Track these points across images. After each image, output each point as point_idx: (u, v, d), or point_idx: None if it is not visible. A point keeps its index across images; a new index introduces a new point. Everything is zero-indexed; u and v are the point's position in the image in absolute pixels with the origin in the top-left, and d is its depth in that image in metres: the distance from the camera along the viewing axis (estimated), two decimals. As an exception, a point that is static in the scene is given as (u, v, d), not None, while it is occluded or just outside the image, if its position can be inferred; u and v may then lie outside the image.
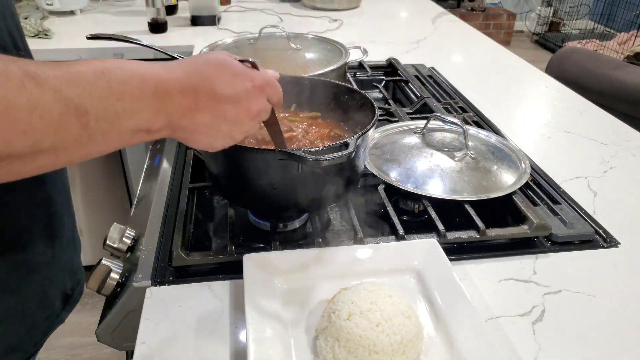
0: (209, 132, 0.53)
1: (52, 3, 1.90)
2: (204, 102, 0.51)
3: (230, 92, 0.52)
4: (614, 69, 2.77)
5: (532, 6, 5.53)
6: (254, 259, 0.67)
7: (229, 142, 0.56)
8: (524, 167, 0.89)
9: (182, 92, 0.50)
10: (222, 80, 0.52)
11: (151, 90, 0.48)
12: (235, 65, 0.54)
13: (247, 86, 0.53)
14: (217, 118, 0.52)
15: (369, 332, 0.55)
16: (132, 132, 0.48)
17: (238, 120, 0.54)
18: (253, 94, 0.54)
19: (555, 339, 0.62)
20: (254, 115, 0.55)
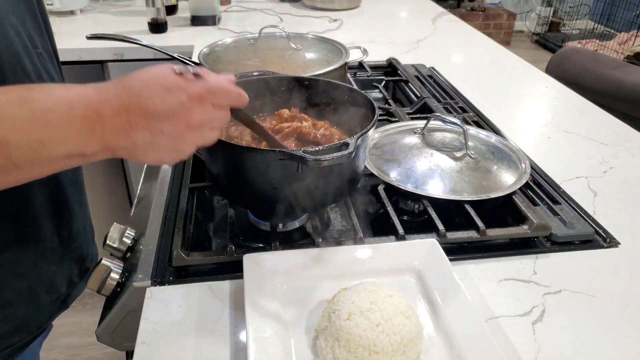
0: (151, 149, 0.52)
1: (52, 3, 1.90)
2: (138, 121, 0.50)
3: (162, 107, 0.50)
4: (614, 69, 2.77)
5: (532, 6, 5.53)
6: (254, 259, 0.67)
7: (180, 155, 0.55)
8: (524, 167, 0.89)
9: (113, 113, 0.49)
10: (153, 97, 0.50)
11: (80, 115, 0.47)
12: (168, 79, 0.51)
13: (182, 99, 0.51)
14: (155, 135, 0.51)
15: (369, 332, 0.55)
16: (63, 158, 0.48)
17: (178, 134, 0.52)
18: (190, 106, 0.51)
19: (555, 339, 0.62)
20: (195, 126, 0.53)
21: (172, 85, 0.51)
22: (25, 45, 0.63)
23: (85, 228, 0.80)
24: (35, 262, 0.69)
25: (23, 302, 0.69)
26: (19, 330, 0.70)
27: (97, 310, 0.74)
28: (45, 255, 0.70)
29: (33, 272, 0.69)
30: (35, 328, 0.72)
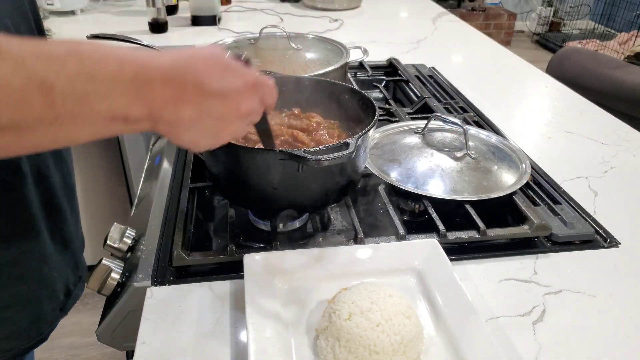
0: (193, 128, 0.49)
1: (52, 3, 1.90)
2: (189, 95, 0.47)
3: (218, 86, 0.48)
4: (615, 69, 2.77)
5: (533, 6, 5.53)
6: (254, 259, 0.67)
7: (215, 142, 0.52)
8: (524, 167, 0.89)
9: (165, 81, 0.46)
10: (211, 74, 0.48)
11: (130, 75, 0.44)
12: (228, 60, 0.50)
13: (238, 83, 0.49)
14: (202, 113, 0.48)
15: (370, 332, 0.55)
16: (106, 118, 0.44)
17: (225, 118, 0.50)
18: (244, 92, 0.50)
19: (555, 339, 0.62)
20: (244, 115, 0.51)
21: (231, 66, 0.49)
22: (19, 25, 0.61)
23: (77, 236, 0.78)
24: (37, 266, 0.67)
25: (22, 306, 0.67)
26: (17, 336, 0.68)
27: (98, 310, 0.74)
28: (47, 260, 0.68)
29: (34, 276, 0.67)
30: (36, 335, 0.70)
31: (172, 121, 0.48)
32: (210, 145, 0.52)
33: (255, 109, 0.53)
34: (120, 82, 0.44)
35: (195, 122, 0.48)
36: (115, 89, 0.44)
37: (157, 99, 0.46)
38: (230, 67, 0.49)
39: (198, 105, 0.48)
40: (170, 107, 0.46)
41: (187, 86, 0.47)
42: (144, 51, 0.47)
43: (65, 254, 0.73)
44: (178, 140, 0.50)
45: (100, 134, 0.46)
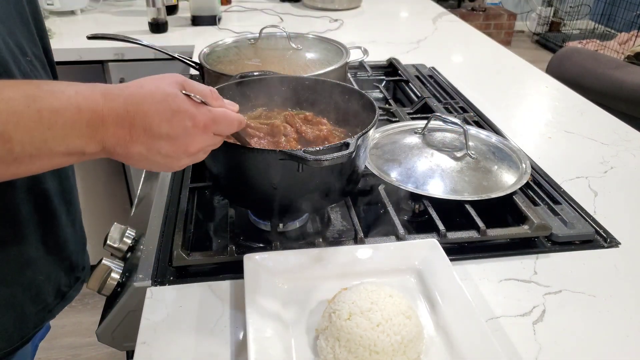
0: (145, 162, 0.53)
1: (52, 3, 1.90)
2: (139, 136, 0.51)
3: (166, 130, 0.51)
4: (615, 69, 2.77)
5: (533, 6, 5.53)
6: (254, 259, 0.67)
7: (167, 170, 0.56)
8: (524, 167, 0.89)
9: (117, 123, 0.50)
10: (160, 117, 0.51)
11: (86, 121, 0.48)
12: (177, 101, 0.52)
13: (187, 125, 0.52)
14: (151, 151, 0.52)
15: (370, 332, 0.55)
16: (63, 155, 0.49)
17: (174, 157, 0.54)
18: (192, 134, 0.53)
19: (555, 339, 0.62)
20: (192, 153, 0.55)
21: (180, 109, 0.52)
22: (13, 53, 0.62)
23: (74, 237, 0.77)
24: (20, 269, 0.67)
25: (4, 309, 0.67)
26: None
27: (98, 310, 0.74)
28: (31, 263, 0.68)
29: (17, 279, 0.67)
30: (18, 338, 0.69)
31: (123, 155, 0.52)
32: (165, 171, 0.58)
33: (207, 145, 0.56)
34: (77, 127, 0.48)
35: (146, 158, 0.53)
36: (72, 133, 0.48)
37: (109, 138, 0.50)
38: (180, 110, 0.52)
39: (147, 145, 0.51)
40: (121, 145, 0.51)
41: (138, 128, 0.50)
42: (98, 89, 0.50)
43: (57, 257, 0.73)
44: (132, 165, 0.55)
45: (59, 165, 0.51)
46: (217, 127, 0.55)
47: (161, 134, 0.51)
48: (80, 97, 0.48)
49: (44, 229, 0.69)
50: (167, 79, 0.54)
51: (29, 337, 0.71)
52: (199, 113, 0.53)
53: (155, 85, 0.52)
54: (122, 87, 0.52)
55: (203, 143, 0.55)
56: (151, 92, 0.51)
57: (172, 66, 1.61)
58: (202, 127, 0.53)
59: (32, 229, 0.67)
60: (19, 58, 0.63)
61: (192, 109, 0.53)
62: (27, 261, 0.68)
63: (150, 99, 0.51)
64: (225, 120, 0.56)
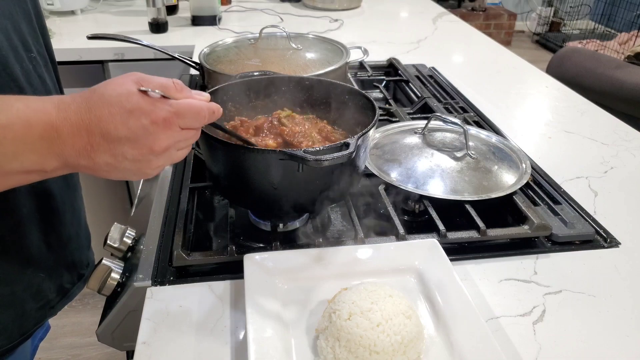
0: (115, 170, 0.51)
1: (52, 3, 1.90)
2: (99, 144, 0.48)
3: (125, 133, 0.48)
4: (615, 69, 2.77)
5: (533, 6, 5.53)
6: (254, 259, 0.67)
7: (143, 176, 0.53)
8: (524, 167, 0.89)
9: (73, 133, 0.47)
10: (115, 119, 0.48)
11: (38, 134, 0.46)
12: (131, 100, 0.48)
13: (144, 124, 0.49)
14: (117, 158, 0.49)
15: (370, 332, 0.55)
16: (20, 173, 0.47)
17: (142, 159, 0.50)
18: (153, 132, 0.49)
19: (555, 339, 0.62)
20: (161, 152, 0.51)
21: (134, 107, 0.48)
22: (15, 49, 0.61)
23: (78, 235, 0.78)
24: (20, 268, 0.67)
25: (4, 307, 0.67)
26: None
27: (98, 310, 0.74)
28: (32, 262, 0.68)
29: (17, 278, 0.67)
30: (18, 335, 0.69)
31: (91, 167, 0.50)
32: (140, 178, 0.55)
33: (180, 139, 0.52)
34: (29, 142, 0.46)
35: (114, 166, 0.50)
36: (24, 149, 0.46)
37: (69, 151, 0.48)
38: (134, 109, 0.48)
39: (110, 151, 0.49)
40: (84, 156, 0.49)
41: (95, 135, 0.48)
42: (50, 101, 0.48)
43: (60, 254, 0.73)
44: (105, 177, 0.52)
45: (22, 183, 0.50)
46: (182, 120, 0.51)
47: (120, 138, 0.48)
48: (30, 110, 0.46)
49: (46, 227, 0.69)
50: (122, 78, 0.51)
51: (30, 334, 0.71)
52: (157, 109, 0.50)
53: (108, 88, 0.49)
54: (75, 96, 0.50)
55: (169, 140, 0.51)
56: (103, 95, 0.49)
57: (172, 66, 1.61)
58: (163, 123, 0.50)
59: (33, 227, 0.67)
60: (22, 54, 0.63)
61: (147, 105, 0.49)
62: (28, 259, 0.68)
63: (103, 103, 0.48)
64: (191, 112, 0.52)
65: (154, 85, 0.50)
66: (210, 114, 0.55)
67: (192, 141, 0.55)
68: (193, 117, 0.53)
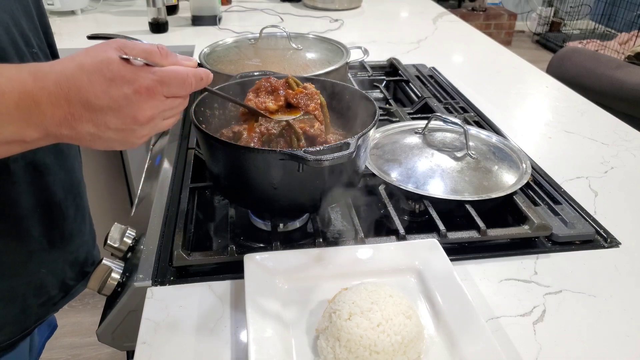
0: (99, 141, 0.49)
1: (52, 3, 1.90)
2: (80, 113, 0.46)
3: (107, 102, 0.46)
4: (615, 69, 2.77)
5: (533, 6, 5.53)
6: (254, 258, 0.67)
7: (129, 146, 0.51)
8: (524, 167, 0.89)
9: (52, 103, 0.45)
10: (96, 89, 0.46)
11: (13, 103, 0.44)
12: (112, 67, 0.47)
13: (126, 93, 0.47)
14: (100, 128, 0.48)
15: (370, 332, 0.55)
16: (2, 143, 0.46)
17: (126, 129, 0.49)
18: (136, 101, 0.48)
19: (556, 339, 0.62)
20: (145, 122, 0.49)
21: (116, 76, 0.47)
22: (15, 44, 0.61)
23: (82, 231, 0.77)
24: (22, 262, 0.67)
25: (4, 302, 0.66)
26: None
27: (98, 310, 0.74)
28: (33, 257, 0.68)
29: (18, 272, 0.67)
30: (19, 331, 0.69)
31: (74, 137, 0.48)
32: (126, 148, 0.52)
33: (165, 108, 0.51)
34: (4, 112, 0.44)
35: (98, 136, 0.48)
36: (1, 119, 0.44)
37: (49, 120, 0.46)
38: (115, 77, 0.47)
39: (92, 121, 0.47)
40: (65, 126, 0.47)
41: (76, 105, 0.46)
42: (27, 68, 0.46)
43: (63, 250, 0.73)
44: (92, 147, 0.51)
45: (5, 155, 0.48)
46: (166, 89, 0.50)
47: (102, 107, 0.47)
48: (3, 79, 0.44)
49: (47, 223, 0.69)
50: (104, 45, 0.48)
51: (30, 330, 0.71)
52: (139, 77, 0.48)
53: (88, 55, 0.47)
54: (54, 64, 0.48)
55: (153, 110, 0.49)
56: (82, 63, 0.47)
57: (173, 66, 1.61)
58: (146, 92, 0.48)
59: (34, 222, 0.66)
60: (23, 49, 0.63)
61: (129, 74, 0.47)
62: (29, 254, 0.67)
63: (82, 71, 0.46)
64: (176, 80, 0.50)
65: (137, 52, 0.48)
66: (198, 80, 0.53)
67: (179, 110, 0.53)
68: (178, 85, 0.51)
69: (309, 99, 0.72)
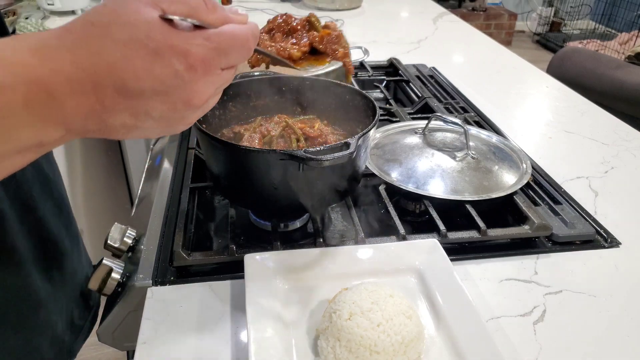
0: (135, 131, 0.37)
1: (53, 3, 1.90)
2: (113, 101, 0.34)
3: (150, 84, 0.34)
4: (615, 69, 2.77)
5: (533, 6, 5.53)
6: (255, 258, 0.67)
7: (170, 133, 0.41)
8: (525, 167, 0.89)
9: (73, 90, 0.33)
10: (135, 67, 0.34)
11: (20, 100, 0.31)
12: (155, 35, 0.34)
13: (178, 70, 0.35)
14: (138, 117, 0.36)
15: (370, 332, 0.55)
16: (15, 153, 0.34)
17: (174, 116, 0.37)
18: (190, 80, 0.36)
19: (556, 339, 0.62)
20: (200, 104, 0.38)
21: (161, 46, 0.34)
22: None
23: (80, 262, 0.72)
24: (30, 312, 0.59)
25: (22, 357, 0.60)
26: None
27: (98, 310, 0.74)
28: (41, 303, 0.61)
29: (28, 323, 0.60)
30: None
31: (103, 130, 0.36)
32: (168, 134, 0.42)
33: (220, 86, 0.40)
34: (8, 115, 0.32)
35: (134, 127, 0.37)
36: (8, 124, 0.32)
37: (71, 116, 0.34)
38: (161, 50, 0.34)
39: (129, 110, 0.35)
40: (94, 118, 0.35)
41: (107, 91, 0.34)
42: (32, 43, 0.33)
43: (67, 289, 0.69)
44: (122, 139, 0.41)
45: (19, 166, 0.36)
46: (224, 59, 0.37)
47: (143, 91, 0.34)
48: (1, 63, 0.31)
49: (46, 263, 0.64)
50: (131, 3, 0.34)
51: None
52: (192, 46, 0.35)
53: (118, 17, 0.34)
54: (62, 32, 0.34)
55: (210, 88, 0.38)
56: (110, 30, 0.33)
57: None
58: (202, 65, 0.36)
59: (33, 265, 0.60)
60: None
61: (179, 42, 0.35)
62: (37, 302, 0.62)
63: (113, 42, 0.33)
64: (235, 45, 0.38)
65: (180, 9, 0.35)
66: (254, 39, 0.40)
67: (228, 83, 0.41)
68: (238, 52, 0.38)
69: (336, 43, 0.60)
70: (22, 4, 2.01)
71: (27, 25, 1.69)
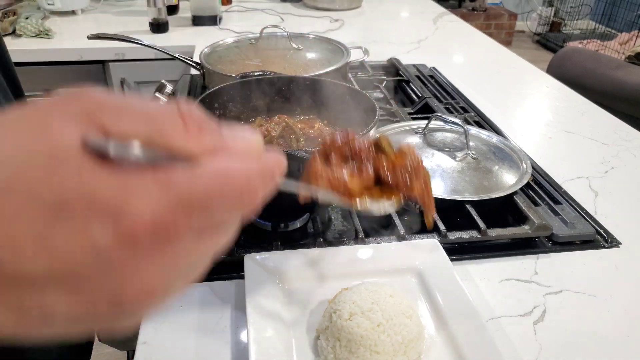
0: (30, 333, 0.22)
1: (53, 3, 1.90)
2: None
3: (44, 263, 0.19)
4: (615, 69, 2.77)
5: (534, 6, 5.53)
6: (255, 259, 0.67)
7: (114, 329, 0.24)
8: (525, 167, 0.89)
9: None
10: (18, 233, 0.19)
11: None
12: (68, 179, 0.19)
13: (99, 240, 0.19)
14: (26, 315, 0.21)
15: (370, 332, 0.55)
16: None
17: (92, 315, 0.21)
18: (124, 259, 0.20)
19: (556, 339, 0.62)
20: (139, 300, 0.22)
21: (73, 199, 0.19)
22: None
23: None
24: None
25: None
26: None
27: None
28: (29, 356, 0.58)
29: None
30: None
31: None
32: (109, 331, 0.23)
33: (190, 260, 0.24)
34: None
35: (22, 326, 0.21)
36: None
37: None
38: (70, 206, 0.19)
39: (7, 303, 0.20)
40: None
41: None
42: None
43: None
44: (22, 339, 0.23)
45: None
46: (204, 217, 0.22)
47: (36, 276, 0.19)
48: None
49: None
50: (53, 106, 0.21)
51: None
52: (140, 196, 0.20)
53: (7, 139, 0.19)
54: None
55: (166, 270, 0.22)
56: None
57: (173, 66, 1.61)
58: (151, 234, 0.20)
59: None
60: None
61: (113, 191, 0.20)
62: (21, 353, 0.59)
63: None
64: (226, 194, 0.23)
65: (136, 130, 0.21)
66: (268, 182, 0.28)
67: (227, 240, 0.28)
68: (232, 204, 0.24)
69: (411, 175, 0.47)
70: (22, 4, 2.01)
71: (27, 25, 1.69)
